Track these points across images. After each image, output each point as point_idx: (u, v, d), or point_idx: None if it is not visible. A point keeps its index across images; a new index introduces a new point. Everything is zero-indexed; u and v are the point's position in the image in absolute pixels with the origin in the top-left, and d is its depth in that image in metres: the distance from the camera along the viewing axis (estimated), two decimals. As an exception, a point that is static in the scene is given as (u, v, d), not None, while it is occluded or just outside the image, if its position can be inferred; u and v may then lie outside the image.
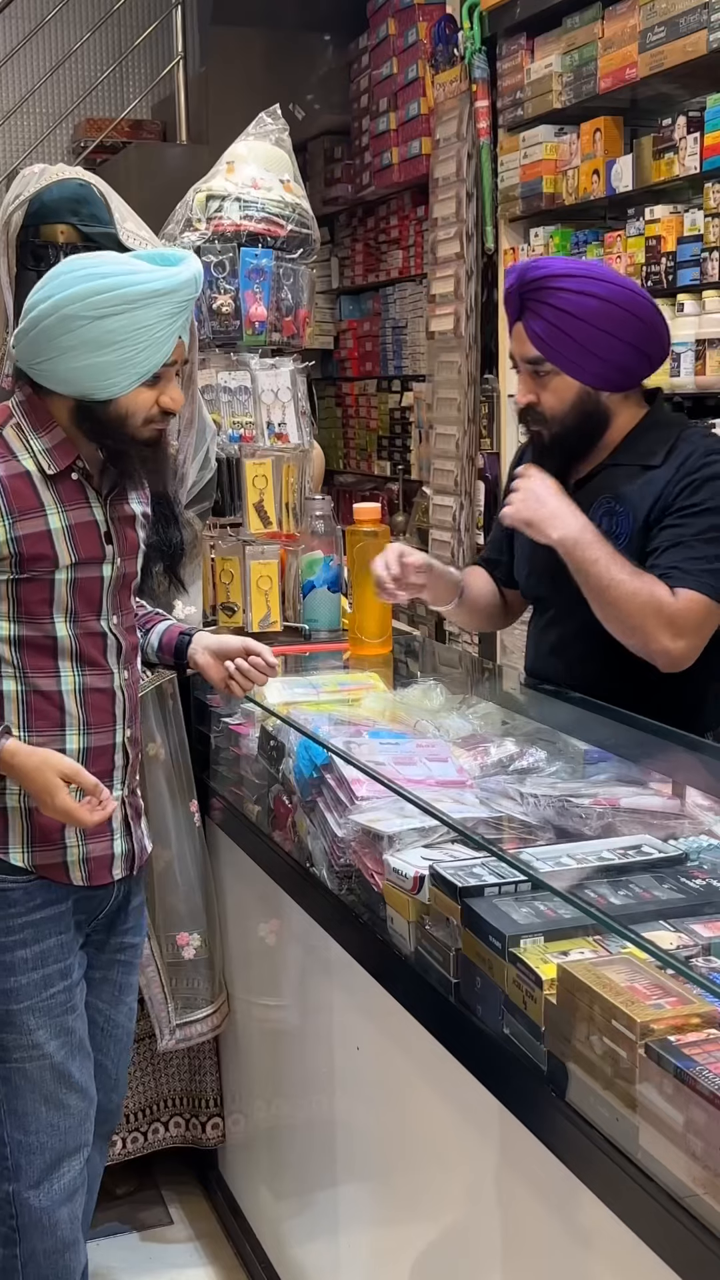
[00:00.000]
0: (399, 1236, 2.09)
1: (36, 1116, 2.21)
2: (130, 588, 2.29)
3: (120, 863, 2.27)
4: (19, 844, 2.18)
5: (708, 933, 1.65)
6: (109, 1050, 2.39)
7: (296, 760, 2.41)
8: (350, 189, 6.66)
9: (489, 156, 4.88)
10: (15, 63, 7.37)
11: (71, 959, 2.24)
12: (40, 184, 2.72)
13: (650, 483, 2.38)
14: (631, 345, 2.38)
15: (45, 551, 2.12)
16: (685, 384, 3.82)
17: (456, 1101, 1.84)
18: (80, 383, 2.09)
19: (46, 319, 2.05)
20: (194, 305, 2.16)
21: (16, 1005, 2.19)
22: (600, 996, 1.50)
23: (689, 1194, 1.36)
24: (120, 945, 2.37)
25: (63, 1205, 2.24)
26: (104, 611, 2.21)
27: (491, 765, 2.23)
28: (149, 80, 7.53)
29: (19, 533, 2.10)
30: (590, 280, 2.37)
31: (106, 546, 2.19)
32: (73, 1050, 2.24)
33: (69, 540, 2.14)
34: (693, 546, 2.31)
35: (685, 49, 3.74)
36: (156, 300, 2.05)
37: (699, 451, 2.38)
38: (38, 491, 2.12)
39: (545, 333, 2.37)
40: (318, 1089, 2.40)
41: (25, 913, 2.19)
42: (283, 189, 3.31)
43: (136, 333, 2.05)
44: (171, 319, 2.08)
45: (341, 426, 7.25)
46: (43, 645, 2.16)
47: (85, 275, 2.05)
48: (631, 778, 2.20)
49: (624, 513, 2.40)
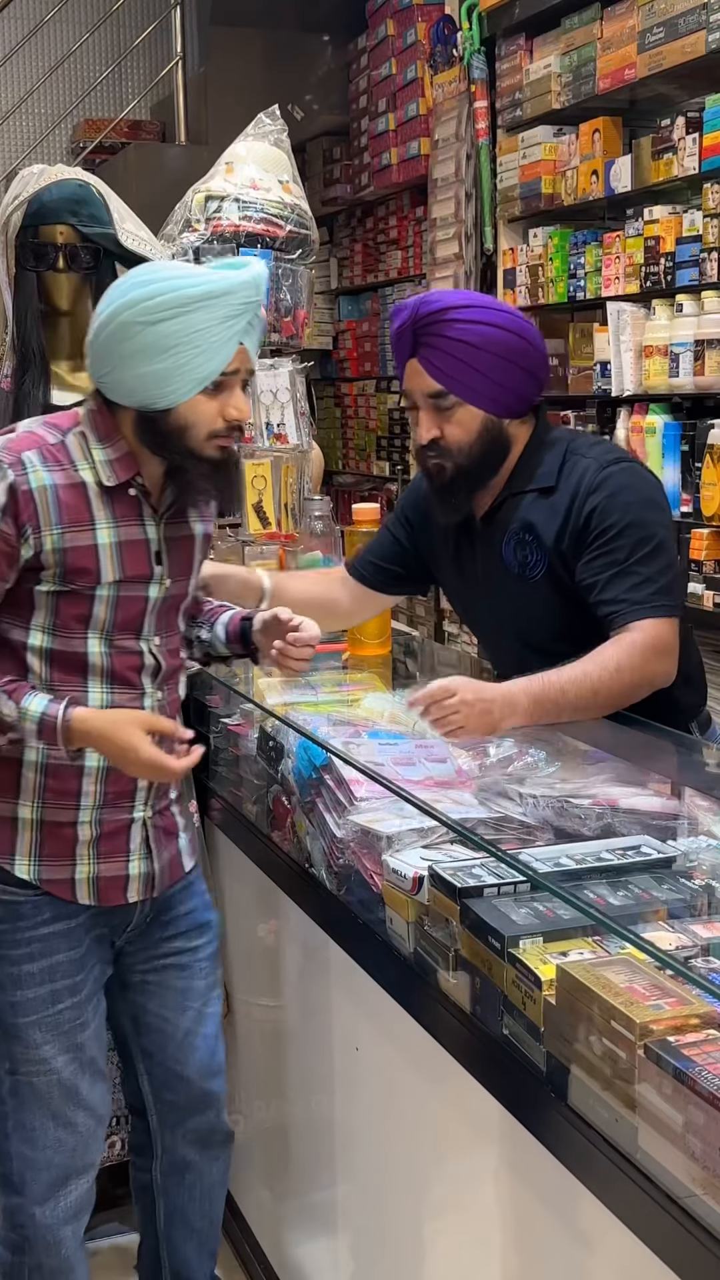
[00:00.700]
0: (398, 1237, 2.09)
1: (44, 1132, 2.18)
2: (179, 609, 2.22)
3: (138, 885, 2.20)
4: (26, 856, 2.14)
5: (707, 933, 1.65)
6: (186, 1060, 2.33)
7: (295, 761, 2.41)
8: (349, 189, 6.66)
9: (488, 157, 4.89)
10: (14, 63, 7.36)
11: (82, 975, 2.19)
12: (39, 184, 2.72)
13: (552, 508, 2.39)
14: (525, 370, 2.40)
15: (88, 566, 2.06)
16: (684, 384, 3.82)
17: (455, 1102, 1.83)
18: (140, 392, 2.05)
19: (107, 328, 2.03)
20: (258, 313, 2.06)
21: (23, 1019, 2.16)
22: (599, 997, 1.50)
23: (688, 1194, 1.36)
24: (171, 950, 2.29)
25: (67, 1224, 2.22)
26: (144, 632, 2.14)
27: (490, 766, 2.22)
28: (148, 81, 7.53)
29: (65, 544, 2.04)
30: (483, 310, 2.39)
31: (155, 567, 2.13)
32: (82, 1067, 2.19)
33: (115, 557, 2.08)
34: (633, 572, 2.30)
35: (684, 49, 3.75)
36: (208, 303, 2.00)
37: (592, 468, 2.38)
38: (90, 504, 2.07)
39: (445, 365, 2.37)
40: (317, 1089, 2.40)
41: (32, 927, 2.15)
42: (281, 189, 3.31)
43: (190, 337, 2.00)
44: (226, 323, 2.02)
45: (340, 427, 7.25)
46: (73, 661, 2.11)
47: (141, 282, 2.03)
48: (630, 778, 2.20)
49: (533, 541, 2.40)
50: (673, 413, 4.00)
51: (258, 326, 2.09)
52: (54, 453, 2.07)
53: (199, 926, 2.34)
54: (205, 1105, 2.37)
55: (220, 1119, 2.40)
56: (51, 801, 2.14)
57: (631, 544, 2.31)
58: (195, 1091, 2.35)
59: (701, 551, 3.76)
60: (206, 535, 2.27)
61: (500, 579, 2.46)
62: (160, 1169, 2.40)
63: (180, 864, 2.29)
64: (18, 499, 2.02)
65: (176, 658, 2.23)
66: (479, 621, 2.67)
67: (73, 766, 2.13)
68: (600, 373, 4.24)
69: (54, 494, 2.04)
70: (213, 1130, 2.40)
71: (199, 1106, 2.37)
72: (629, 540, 2.31)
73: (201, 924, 2.34)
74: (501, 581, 2.45)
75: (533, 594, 2.42)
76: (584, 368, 4.46)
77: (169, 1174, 2.40)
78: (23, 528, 2.03)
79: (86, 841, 2.16)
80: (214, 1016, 2.38)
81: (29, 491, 2.03)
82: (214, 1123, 2.39)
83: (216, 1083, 2.38)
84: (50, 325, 2.77)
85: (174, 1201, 2.42)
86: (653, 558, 2.31)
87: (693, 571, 3.78)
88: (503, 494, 2.45)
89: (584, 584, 2.35)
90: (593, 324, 4.39)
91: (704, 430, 3.74)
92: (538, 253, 4.64)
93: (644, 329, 4.00)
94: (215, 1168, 2.42)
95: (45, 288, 2.73)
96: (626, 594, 2.29)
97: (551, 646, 2.39)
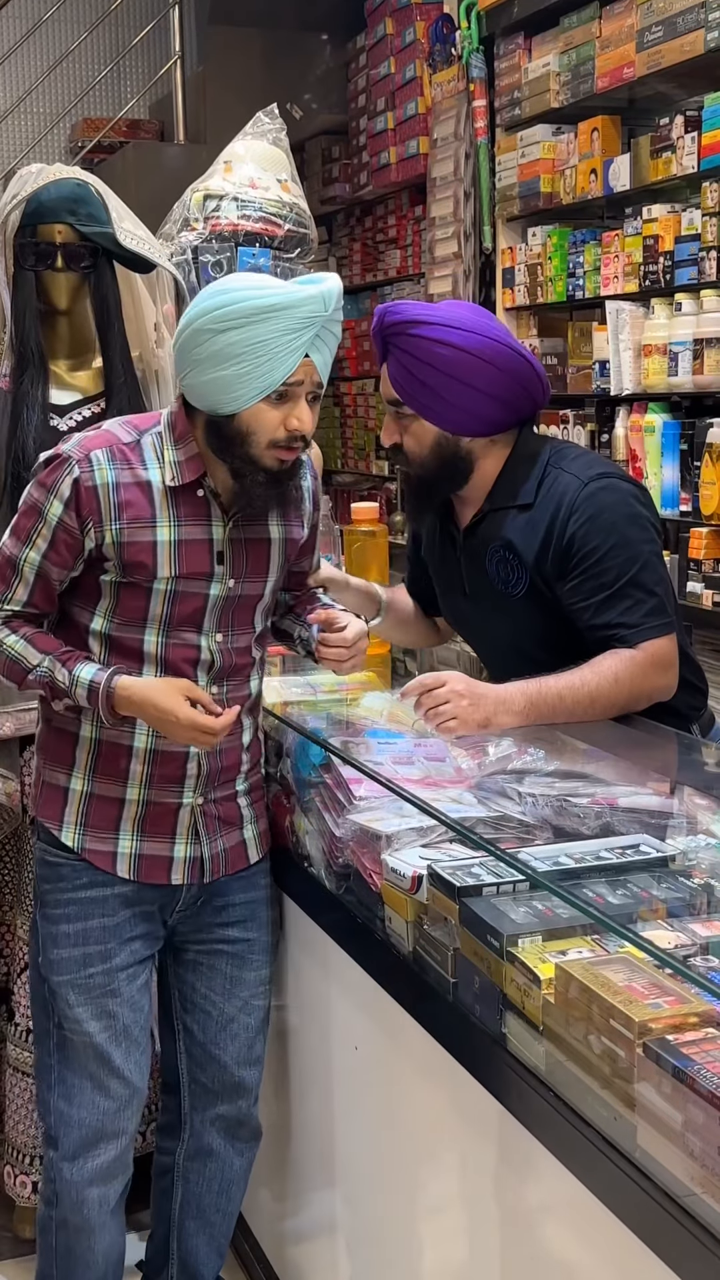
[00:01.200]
0: (397, 1236, 2.09)
1: (81, 1091, 2.28)
2: (254, 609, 2.27)
3: (182, 867, 2.27)
4: (73, 824, 2.25)
5: (705, 932, 1.65)
6: (223, 1043, 2.39)
7: (295, 760, 2.41)
8: (348, 188, 6.66)
9: (486, 156, 4.88)
10: (12, 63, 7.36)
11: (115, 944, 2.26)
12: (38, 183, 2.71)
13: (531, 524, 2.37)
14: (488, 394, 2.36)
15: (145, 561, 2.16)
16: (683, 383, 3.82)
17: (455, 1101, 1.84)
18: (207, 396, 2.12)
19: (183, 334, 2.12)
20: (330, 328, 2.10)
21: (59, 978, 2.26)
22: (598, 996, 1.50)
23: (687, 1193, 1.36)
24: (223, 938, 2.36)
25: (92, 1185, 2.29)
26: (206, 628, 2.21)
27: (489, 764, 2.22)
28: (146, 80, 7.52)
29: (124, 539, 2.15)
30: (446, 329, 2.35)
31: (217, 566, 2.20)
32: (115, 1036, 2.27)
33: (174, 554, 2.17)
34: (624, 595, 2.30)
35: (683, 48, 3.75)
36: (272, 315, 2.05)
37: (573, 486, 2.35)
38: (153, 502, 2.16)
39: (401, 378, 2.37)
40: (316, 1088, 2.40)
41: (72, 889, 2.25)
42: (280, 188, 3.31)
43: (254, 347, 2.06)
44: (290, 334, 2.06)
45: (339, 426, 7.25)
46: (129, 648, 2.20)
47: (214, 292, 2.11)
48: (629, 777, 2.20)
49: (514, 559, 2.39)
50: (671, 412, 4.00)
51: (329, 341, 2.13)
52: (124, 451, 2.17)
53: (255, 919, 2.38)
54: (236, 1094, 2.42)
55: (250, 1112, 2.45)
56: (101, 778, 2.25)
57: (619, 565, 2.30)
58: (228, 1078, 2.41)
59: (700, 550, 3.76)
60: (290, 540, 2.30)
61: (485, 592, 2.46)
62: (184, 1152, 2.46)
63: (245, 854, 2.35)
64: (80, 494, 2.14)
65: (246, 656, 2.28)
66: (469, 630, 2.68)
67: (122, 746, 2.22)
68: (599, 372, 4.24)
69: (116, 491, 2.15)
70: (241, 1122, 2.44)
71: (230, 1094, 2.42)
72: (615, 562, 2.30)
73: (257, 916, 2.39)
74: (487, 594, 2.46)
75: (517, 608, 2.42)
76: (583, 367, 4.46)
77: (192, 1158, 2.46)
78: (84, 521, 2.14)
79: (132, 819, 2.25)
80: (261, 1009, 2.43)
81: (93, 488, 2.14)
82: (243, 1114, 2.44)
83: (251, 1074, 2.43)
84: (49, 324, 2.77)
85: (192, 1188, 2.47)
86: (642, 577, 2.30)
87: (691, 570, 3.78)
88: (484, 508, 2.45)
89: (574, 607, 2.34)
90: (591, 323, 4.39)
91: (703, 429, 3.74)
92: (536, 252, 4.64)
93: (643, 328, 4.00)
94: (239, 1162, 2.47)
95: (44, 287, 2.73)
96: (621, 618, 2.29)
97: (539, 655, 2.39)
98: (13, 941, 2.93)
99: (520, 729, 2.26)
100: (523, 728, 2.27)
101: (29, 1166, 2.88)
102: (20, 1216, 2.95)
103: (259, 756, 2.40)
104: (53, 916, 2.27)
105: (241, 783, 2.33)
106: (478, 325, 2.39)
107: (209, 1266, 2.51)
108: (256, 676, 2.33)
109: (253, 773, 2.37)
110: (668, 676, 2.32)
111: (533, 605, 2.40)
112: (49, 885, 2.28)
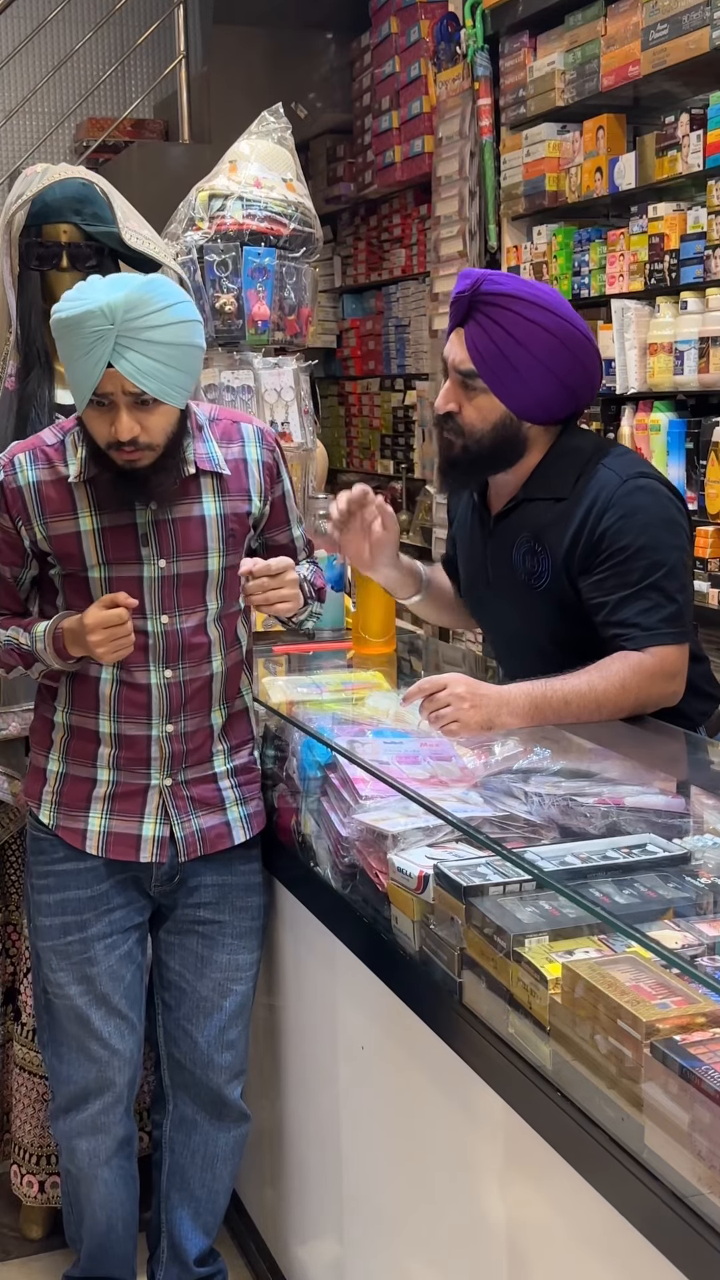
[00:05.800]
0: (403, 1235, 2.09)
1: (68, 1049, 2.44)
2: (202, 587, 2.33)
3: (150, 846, 2.36)
4: (49, 802, 2.39)
5: (713, 932, 1.65)
6: (197, 1022, 2.47)
7: (300, 759, 2.41)
8: (353, 187, 6.66)
9: (491, 154, 4.88)
10: (17, 63, 7.37)
11: (91, 915, 2.38)
12: (42, 184, 2.72)
13: (564, 517, 2.34)
14: (561, 381, 2.34)
15: (73, 551, 2.28)
16: (689, 382, 3.81)
17: (461, 1101, 1.83)
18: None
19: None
20: (136, 335, 2.10)
21: (42, 943, 2.42)
22: (605, 996, 1.50)
23: (694, 1193, 1.36)
24: (195, 918, 2.44)
25: (81, 1137, 2.46)
26: (149, 610, 2.30)
27: (495, 764, 2.22)
28: (151, 79, 7.52)
29: (51, 533, 2.29)
30: (542, 310, 2.32)
31: (143, 549, 2.28)
32: (94, 1000, 2.39)
33: (99, 542, 2.28)
34: (644, 596, 2.27)
35: (688, 46, 3.74)
36: (65, 330, 2.14)
37: (612, 482, 2.32)
38: (73, 496, 2.28)
39: (484, 349, 2.32)
40: (322, 1088, 2.40)
41: (50, 862, 2.39)
42: (285, 188, 3.31)
43: (67, 357, 2.18)
44: (85, 349, 2.12)
45: (345, 425, 7.25)
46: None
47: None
48: (636, 776, 2.20)
49: (543, 552, 2.37)
50: (677, 410, 4.00)
51: (139, 348, 2.12)
52: (47, 452, 2.31)
53: (226, 901, 2.44)
54: (210, 1072, 2.49)
55: (227, 1094, 2.51)
56: (73, 759, 2.37)
57: (645, 567, 2.27)
58: (201, 1057, 2.48)
59: (706, 549, 3.76)
60: (233, 515, 2.35)
61: (508, 580, 2.45)
62: (170, 1123, 2.55)
63: (229, 835, 2.41)
64: (7, 496, 2.31)
65: (200, 634, 2.34)
66: (486, 616, 2.66)
67: (89, 730, 2.34)
68: (605, 370, 4.24)
69: (37, 489, 2.29)
70: (219, 1102, 2.51)
71: (204, 1073, 2.49)
72: (642, 563, 2.27)
73: (229, 900, 2.44)
74: (509, 583, 2.45)
75: (537, 601, 2.41)
76: (588, 365, 4.45)
77: (176, 1129, 2.54)
78: (15, 520, 2.31)
79: (102, 798, 2.36)
80: (239, 995, 2.48)
81: (16, 489, 2.30)
82: (220, 1095, 2.50)
83: (225, 1057, 2.49)
84: (54, 324, 2.77)
85: (177, 1160, 2.54)
86: (665, 582, 2.28)
87: (697, 570, 3.77)
88: (518, 496, 2.42)
89: (593, 602, 2.32)
90: (597, 321, 4.38)
91: (708, 428, 3.73)
92: (541, 250, 4.64)
93: (648, 326, 3.99)
94: (223, 1139, 2.53)
95: (49, 287, 2.73)
96: (637, 618, 2.27)
97: (552, 649, 2.39)
98: (19, 941, 2.94)
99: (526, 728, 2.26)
100: (528, 728, 2.26)
101: (36, 1166, 2.88)
102: (27, 1216, 2.95)
103: (246, 738, 2.44)
104: (37, 886, 2.42)
105: (222, 764, 2.39)
106: (568, 313, 2.37)
107: (192, 1242, 2.55)
108: (219, 656, 2.36)
109: (236, 754, 2.40)
110: (674, 685, 2.31)
111: (552, 600, 2.38)
112: (33, 857, 2.43)
